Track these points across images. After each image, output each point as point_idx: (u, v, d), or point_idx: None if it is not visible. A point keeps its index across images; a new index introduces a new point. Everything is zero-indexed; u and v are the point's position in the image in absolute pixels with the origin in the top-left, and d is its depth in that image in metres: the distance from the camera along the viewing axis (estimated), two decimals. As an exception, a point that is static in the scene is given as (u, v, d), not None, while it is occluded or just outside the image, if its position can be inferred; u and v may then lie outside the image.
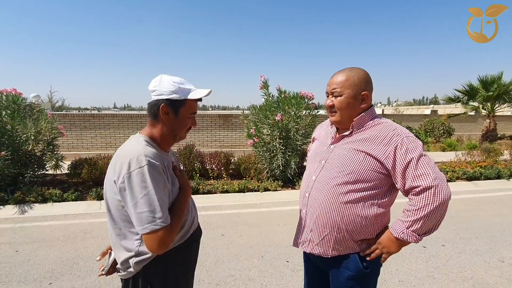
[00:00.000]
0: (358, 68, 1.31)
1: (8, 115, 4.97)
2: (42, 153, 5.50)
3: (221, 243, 3.48)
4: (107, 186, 1.12)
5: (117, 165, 1.06)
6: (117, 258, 1.16)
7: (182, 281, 1.24)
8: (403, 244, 1.24)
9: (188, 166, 6.16)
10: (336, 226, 1.27)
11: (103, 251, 1.30)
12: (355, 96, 1.27)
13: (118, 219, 1.11)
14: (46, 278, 2.74)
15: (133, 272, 1.13)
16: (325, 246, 1.32)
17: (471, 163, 7.39)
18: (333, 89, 1.30)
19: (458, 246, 3.44)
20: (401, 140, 1.19)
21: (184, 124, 1.21)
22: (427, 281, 2.73)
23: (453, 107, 19.44)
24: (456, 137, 13.14)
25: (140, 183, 1.01)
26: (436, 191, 1.13)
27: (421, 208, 1.14)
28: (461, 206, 4.93)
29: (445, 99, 14.15)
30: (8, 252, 3.24)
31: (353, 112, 1.29)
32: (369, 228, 1.27)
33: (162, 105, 1.14)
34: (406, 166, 1.17)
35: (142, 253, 1.10)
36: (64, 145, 8.39)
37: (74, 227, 3.96)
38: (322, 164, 1.35)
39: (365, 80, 1.29)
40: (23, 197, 4.64)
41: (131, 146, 1.11)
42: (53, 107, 15.73)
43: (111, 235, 1.16)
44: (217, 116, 9.84)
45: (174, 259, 1.18)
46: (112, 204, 1.11)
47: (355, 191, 1.23)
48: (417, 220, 1.16)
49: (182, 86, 1.16)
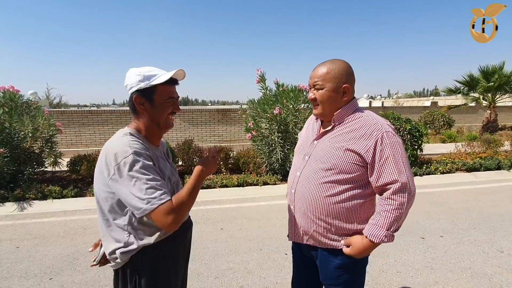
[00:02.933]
0: (339, 60, 1.30)
1: (5, 113, 4.96)
2: (40, 150, 5.50)
3: (220, 236, 3.50)
4: (96, 179, 1.14)
5: (105, 159, 1.08)
6: (105, 249, 1.18)
7: (171, 271, 1.24)
8: (377, 246, 1.24)
9: (187, 161, 6.16)
10: (323, 219, 1.29)
11: (96, 242, 1.32)
12: (336, 89, 1.27)
13: (106, 211, 1.13)
14: (46, 274, 2.76)
15: (121, 263, 1.15)
16: (315, 238, 1.35)
17: (471, 154, 7.38)
18: (314, 82, 1.30)
19: (456, 236, 3.45)
20: (381, 135, 1.20)
21: (162, 110, 1.19)
22: (425, 271, 2.74)
23: (454, 99, 19.36)
24: (456, 129, 13.10)
25: (129, 171, 1.03)
26: (407, 188, 1.17)
27: (399, 206, 1.17)
28: (460, 197, 4.93)
29: (445, 91, 14.05)
30: (9, 249, 3.26)
31: (335, 105, 1.29)
32: (355, 219, 1.29)
33: (135, 96, 1.15)
34: (384, 161, 1.18)
35: (129, 244, 1.12)
36: (63, 142, 8.39)
37: (73, 223, 3.98)
38: (305, 159, 1.37)
39: (347, 73, 1.27)
40: (23, 194, 4.66)
41: (116, 140, 1.13)
42: (51, 104, 15.70)
43: (101, 227, 1.18)
44: (216, 111, 9.81)
45: (162, 251, 1.18)
46: (100, 196, 1.13)
47: (338, 184, 1.25)
48: (395, 219, 1.18)
49: (147, 74, 1.15)
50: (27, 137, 5.09)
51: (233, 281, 2.62)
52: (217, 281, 2.62)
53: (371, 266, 2.81)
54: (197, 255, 3.06)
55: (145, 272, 1.16)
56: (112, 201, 1.11)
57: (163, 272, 1.20)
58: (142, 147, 1.11)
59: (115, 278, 1.22)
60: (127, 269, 1.16)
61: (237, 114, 9.31)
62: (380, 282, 2.58)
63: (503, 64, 12.20)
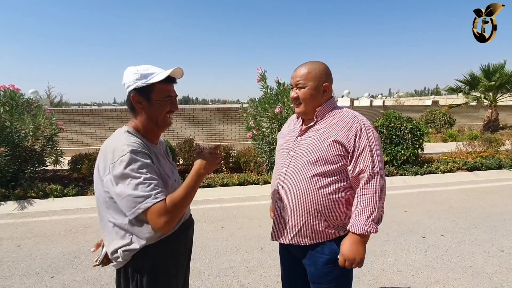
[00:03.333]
0: (318, 62, 1.39)
1: (6, 111, 4.96)
2: (42, 149, 5.51)
3: (221, 235, 3.50)
4: (95, 178, 1.14)
5: (102, 158, 1.08)
6: (107, 249, 1.18)
7: (172, 270, 1.23)
8: (366, 241, 1.28)
9: (188, 160, 6.17)
10: (311, 213, 1.32)
11: (98, 242, 1.32)
12: (317, 87, 1.35)
13: (105, 211, 1.13)
14: (48, 272, 2.77)
15: (122, 262, 1.14)
16: (303, 235, 1.36)
17: (472, 153, 7.37)
18: (297, 81, 1.37)
19: (457, 236, 3.44)
20: (360, 127, 1.29)
21: (160, 109, 1.18)
22: (425, 270, 2.74)
23: (455, 98, 19.30)
24: (457, 128, 13.08)
25: (124, 169, 1.02)
26: (379, 177, 1.26)
27: (372, 194, 1.24)
28: (461, 196, 4.93)
29: (446, 89, 14.03)
30: (10, 247, 3.27)
31: (316, 103, 1.38)
32: (343, 211, 1.32)
33: (132, 95, 1.15)
34: (361, 151, 1.27)
35: (130, 243, 1.11)
36: (64, 140, 8.40)
37: (75, 221, 3.98)
38: (291, 155, 1.40)
39: (326, 73, 1.37)
40: (24, 193, 4.67)
41: (114, 139, 1.13)
42: (52, 103, 15.71)
43: (102, 227, 1.18)
44: (216, 109, 9.80)
45: (163, 250, 1.18)
46: (100, 196, 1.13)
47: (325, 176, 1.30)
48: (372, 208, 1.24)
49: (145, 72, 1.14)
50: (28, 136, 5.10)
51: (234, 280, 2.63)
52: (218, 280, 2.63)
53: (372, 265, 2.81)
54: (198, 254, 3.06)
55: (146, 271, 1.15)
56: (111, 202, 1.09)
57: (164, 271, 1.19)
58: (140, 145, 1.10)
59: (117, 277, 1.22)
60: (128, 268, 1.16)
61: (238, 113, 9.30)
62: (380, 281, 2.58)
63: (504, 63, 12.17)
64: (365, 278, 2.61)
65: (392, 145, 6.28)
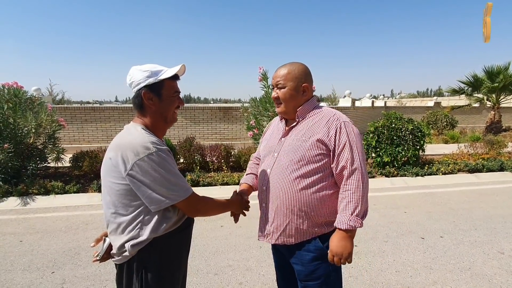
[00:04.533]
0: (298, 63, 1.43)
1: (9, 108, 5.00)
2: (43, 146, 5.55)
3: (220, 234, 3.52)
4: (106, 173, 1.16)
5: (121, 153, 1.09)
6: (114, 244, 1.19)
7: (175, 265, 1.26)
8: (353, 236, 1.30)
9: (189, 159, 6.19)
10: (296, 213, 1.33)
11: (97, 238, 1.32)
12: (297, 88, 1.38)
13: (118, 205, 1.15)
14: (49, 267, 2.80)
15: (128, 256, 1.16)
16: (288, 234, 1.38)
17: (473, 155, 7.34)
18: (277, 82, 1.41)
19: (456, 237, 3.44)
20: (340, 124, 1.32)
21: (170, 105, 1.24)
22: (424, 271, 2.74)
23: (457, 99, 19.23)
24: (459, 129, 13.03)
25: (152, 167, 1.08)
26: (359, 172, 1.28)
27: (355, 189, 1.26)
28: (461, 198, 4.92)
29: (449, 91, 13.97)
30: (12, 242, 3.31)
31: (296, 103, 1.41)
32: (327, 209, 1.34)
33: (144, 92, 1.18)
34: (342, 148, 1.29)
35: (139, 236, 1.14)
36: (66, 138, 8.45)
37: (75, 218, 4.02)
38: (274, 156, 1.42)
39: (305, 73, 1.40)
40: (26, 189, 4.72)
41: (131, 135, 1.15)
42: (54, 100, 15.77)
43: (109, 221, 1.19)
44: (217, 109, 9.82)
45: (169, 244, 1.21)
46: (112, 190, 1.15)
47: (308, 176, 1.31)
48: (356, 203, 1.26)
49: (154, 69, 1.19)
50: (30, 133, 5.14)
51: (233, 278, 2.64)
52: (216, 278, 2.64)
53: (370, 265, 2.82)
54: (197, 251, 3.08)
55: (151, 265, 1.18)
56: (126, 195, 1.12)
57: (168, 266, 1.22)
58: (160, 142, 1.16)
59: (119, 273, 1.22)
60: (133, 263, 1.17)
61: (238, 112, 9.32)
62: (378, 281, 2.59)
63: (508, 64, 12.09)
64: (363, 278, 2.62)
65: (393, 146, 6.28)
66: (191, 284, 2.54)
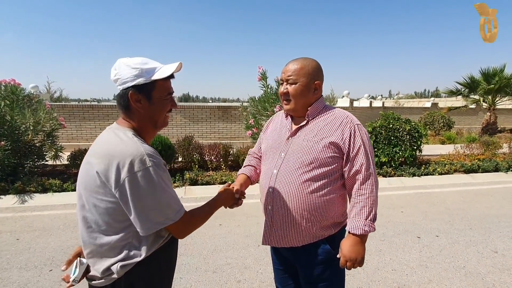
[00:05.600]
0: (311, 58, 1.35)
1: (7, 106, 4.98)
2: (41, 143, 5.52)
3: (219, 232, 3.53)
4: (88, 189, 0.99)
5: (112, 165, 0.93)
6: (95, 267, 1.03)
7: (165, 278, 1.16)
8: (365, 241, 1.29)
9: (187, 158, 6.19)
10: (304, 216, 1.29)
11: (69, 259, 1.13)
12: (308, 85, 1.31)
13: (102, 224, 0.99)
14: (46, 265, 2.80)
15: (115, 278, 1.01)
16: (295, 237, 1.33)
17: (469, 156, 7.41)
18: (288, 76, 1.32)
19: (452, 236, 3.49)
20: (354, 127, 1.28)
21: (162, 108, 1.08)
22: (419, 270, 2.78)
23: (454, 100, 19.35)
24: (456, 130, 13.13)
25: (147, 185, 0.94)
26: (373, 176, 1.27)
27: (369, 194, 1.25)
28: (457, 198, 4.97)
29: (446, 92, 14.07)
30: (9, 240, 3.30)
31: (306, 100, 1.33)
32: (336, 211, 1.33)
33: (131, 93, 1.01)
34: (357, 152, 1.26)
35: (130, 257, 1.01)
36: (64, 136, 8.41)
37: (73, 216, 4.00)
38: (282, 157, 1.35)
39: (318, 70, 1.33)
40: (23, 187, 4.69)
41: (123, 143, 0.98)
42: (52, 98, 15.69)
43: (89, 243, 1.03)
44: (216, 108, 9.83)
45: (158, 258, 1.08)
46: (96, 208, 0.98)
47: (318, 179, 1.27)
48: (370, 208, 1.25)
49: (145, 67, 1.01)
50: (28, 130, 5.12)
51: (231, 276, 2.66)
52: (215, 276, 2.66)
53: (367, 264, 2.85)
54: (196, 250, 3.10)
55: (140, 283, 1.05)
56: (115, 214, 0.97)
57: (158, 279, 1.11)
58: (156, 153, 1.00)
59: None
60: (121, 283, 1.02)
61: (237, 112, 9.33)
62: (375, 279, 2.62)
63: (504, 66, 12.22)
64: (359, 276, 2.65)
65: (390, 146, 6.32)
66: (190, 282, 2.56)
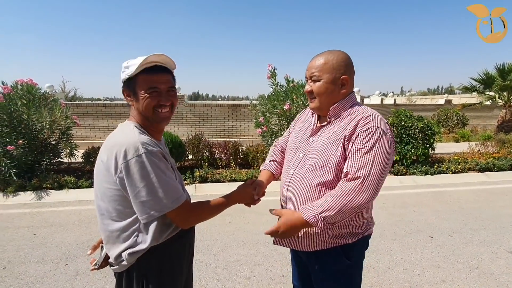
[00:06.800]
0: (338, 51, 1.23)
1: (23, 105, 5.14)
2: (57, 141, 5.69)
3: (229, 229, 3.57)
4: (99, 177, 1.06)
5: (114, 155, 0.99)
6: (110, 253, 1.11)
7: (177, 273, 1.18)
8: (306, 226, 1.17)
9: (197, 155, 6.26)
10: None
11: (94, 245, 1.26)
12: (334, 80, 1.20)
13: (112, 211, 1.06)
14: (62, 260, 2.89)
15: (127, 265, 1.08)
16: (305, 242, 1.27)
17: (484, 154, 7.23)
18: (311, 73, 1.23)
19: (465, 236, 3.42)
20: (375, 129, 1.12)
21: (144, 102, 1.07)
22: (432, 270, 2.74)
23: (469, 97, 18.85)
24: (470, 128, 12.80)
25: (140, 172, 0.97)
26: (369, 192, 1.08)
27: (344, 195, 1.08)
28: (471, 197, 4.86)
29: (460, 88, 13.68)
30: (27, 235, 3.42)
31: (332, 98, 1.22)
32: (351, 220, 1.22)
33: (122, 89, 1.12)
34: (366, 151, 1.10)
35: (137, 244, 1.06)
36: (78, 134, 8.63)
37: (88, 212, 4.12)
38: (300, 157, 1.29)
39: (345, 63, 1.20)
40: (40, 183, 4.85)
41: (123, 134, 1.05)
42: (66, 97, 16.07)
43: (103, 230, 1.11)
44: (226, 106, 9.87)
45: (169, 251, 1.13)
46: (105, 196, 1.05)
47: (331, 184, 1.17)
48: (334, 206, 1.08)
49: (131, 63, 1.05)
50: (44, 129, 5.27)
51: (241, 273, 2.69)
52: (225, 272, 2.69)
53: (377, 263, 2.83)
54: (206, 246, 3.14)
55: (152, 274, 1.10)
56: (120, 200, 1.03)
57: (169, 274, 1.14)
58: (153, 143, 1.03)
59: (118, 282, 1.14)
60: (133, 272, 1.09)
61: (246, 110, 9.35)
62: (386, 279, 2.60)
63: (520, 62, 11.77)
64: (370, 275, 2.63)
65: (402, 144, 6.23)
66: (200, 277, 2.60)
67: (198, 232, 3.32)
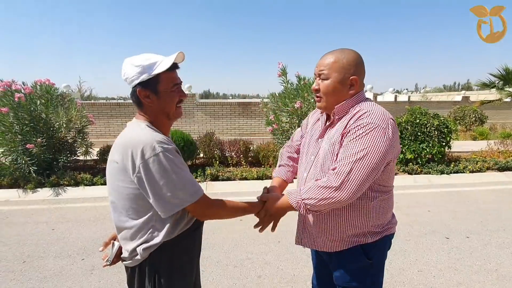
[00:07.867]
0: (349, 50, 1.20)
1: (42, 104, 5.31)
2: (73, 140, 5.85)
3: (239, 227, 3.58)
4: (113, 176, 1.09)
5: (127, 154, 1.02)
6: (125, 248, 1.14)
7: (187, 267, 1.21)
8: (291, 210, 1.23)
9: (208, 154, 6.31)
10: (328, 224, 1.24)
11: (106, 241, 1.29)
12: (343, 80, 1.17)
13: (129, 210, 1.09)
14: (79, 254, 2.98)
15: (140, 260, 1.11)
16: (325, 242, 1.27)
17: (504, 152, 6.97)
18: (320, 70, 1.20)
19: (483, 238, 3.31)
20: (375, 127, 1.08)
21: (170, 99, 1.12)
22: (448, 272, 2.67)
23: (488, 93, 18.20)
24: (489, 125, 12.37)
25: (159, 170, 1.00)
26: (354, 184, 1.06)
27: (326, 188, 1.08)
28: (490, 197, 4.70)
29: (478, 85, 13.17)
30: (45, 230, 3.54)
31: (339, 98, 1.19)
32: (368, 219, 1.21)
33: (138, 90, 1.09)
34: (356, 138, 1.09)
35: (152, 239, 1.09)
36: (93, 132, 8.83)
37: (102, 209, 4.22)
38: (312, 159, 1.29)
39: (356, 63, 1.17)
40: (57, 180, 5.01)
41: (136, 134, 1.06)
42: (82, 96, 16.50)
43: (119, 226, 1.14)
44: (237, 104, 9.89)
45: (180, 246, 1.16)
46: (121, 194, 1.08)
47: None
48: (316, 194, 1.10)
49: (146, 63, 1.07)
50: (61, 128, 5.43)
51: (251, 271, 2.70)
52: (236, 270, 2.71)
53: (391, 264, 2.78)
54: (217, 244, 3.16)
55: (163, 269, 1.13)
56: (137, 199, 1.06)
57: (179, 269, 1.17)
58: (167, 140, 1.07)
59: (130, 276, 1.18)
60: (145, 267, 1.12)
61: (257, 108, 9.34)
62: (399, 280, 2.55)
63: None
64: (383, 276, 2.59)
65: (417, 142, 6.08)
66: (212, 274, 2.62)
67: (209, 229, 3.35)
